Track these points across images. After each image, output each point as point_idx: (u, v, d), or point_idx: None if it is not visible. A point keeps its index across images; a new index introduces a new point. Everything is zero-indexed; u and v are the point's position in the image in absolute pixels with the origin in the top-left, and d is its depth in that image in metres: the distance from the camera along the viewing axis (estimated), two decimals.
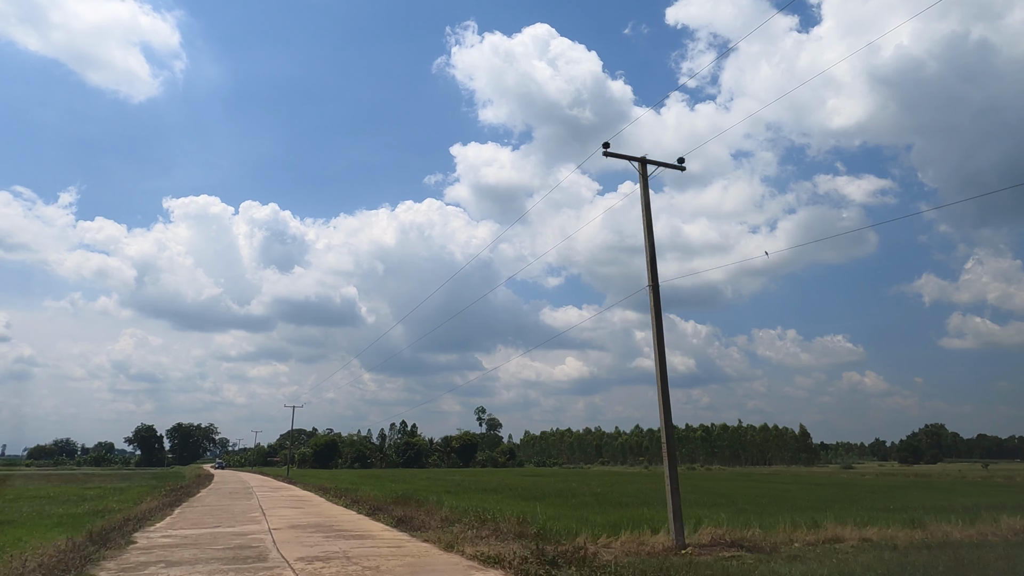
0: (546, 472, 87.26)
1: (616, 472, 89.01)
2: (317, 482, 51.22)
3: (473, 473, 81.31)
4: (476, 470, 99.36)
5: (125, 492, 42.04)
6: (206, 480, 57.70)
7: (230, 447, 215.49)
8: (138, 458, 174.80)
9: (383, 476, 67.70)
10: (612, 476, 70.76)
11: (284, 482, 54.70)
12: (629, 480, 57.93)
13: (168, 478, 73.70)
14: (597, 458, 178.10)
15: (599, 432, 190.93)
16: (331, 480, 53.96)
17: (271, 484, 50.82)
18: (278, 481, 57.39)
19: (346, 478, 60.48)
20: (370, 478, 60.47)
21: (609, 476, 71.06)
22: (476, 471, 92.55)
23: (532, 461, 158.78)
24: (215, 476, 70.15)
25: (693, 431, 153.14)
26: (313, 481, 53.91)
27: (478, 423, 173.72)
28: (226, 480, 60.27)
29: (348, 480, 54.37)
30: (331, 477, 63.18)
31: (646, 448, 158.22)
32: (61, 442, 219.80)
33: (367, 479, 56.79)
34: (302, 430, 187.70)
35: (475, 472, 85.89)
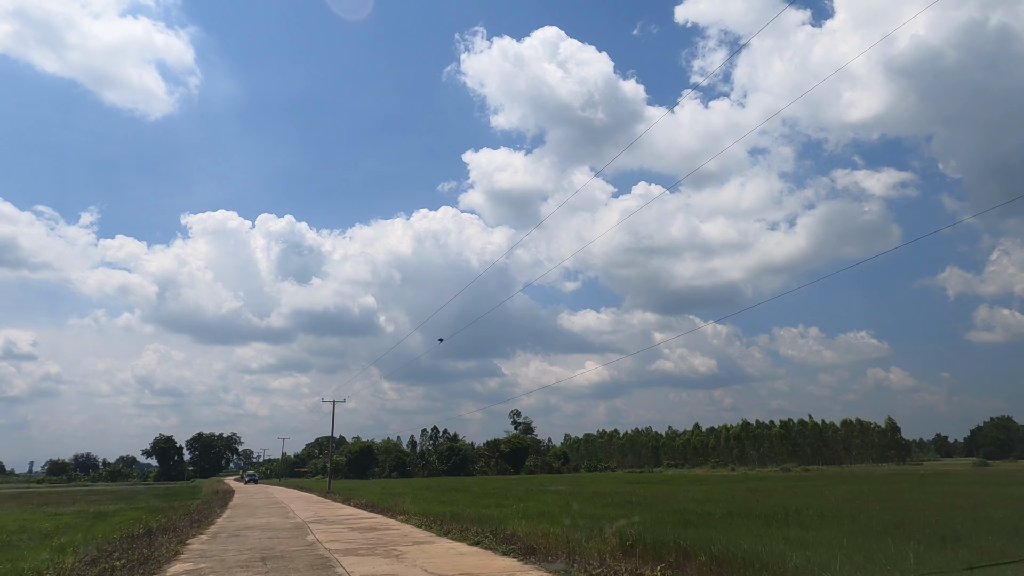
0: (640, 478, 72.14)
1: (731, 477, 73.52)
2: (368, 497, 36.90)
3: (547, 480, 66.47)
4: (546, 476, 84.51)
5: (102, 521, 28.29)
6: (224, 498, 43.56)
7: (254, 458, 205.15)
8: (157, 471, 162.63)
9: (441, 486, 53.48)
10: (745, 481, 55.49)
11: (328, 498, 40.46)
12: (789, 487, 42.59)
13: (179, 495, 59.82)
14: (651, 461, 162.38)
15: (652, 433, 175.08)
16: (387, 494, 39.67)
17: (315, 504, 36.48)
18: (319, 496, 43.18)
19: (402, 490, 46.23)
20: (429, 490, 46.35)
21: (738, 481, 55.85)
22: (550, 477, 77.85)
23: (583, 465, 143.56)
24: (237, 493, 56.05)
25: (766, 427, 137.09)
26: (362, 495, 39.68)
27: (513, 427, 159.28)
28: (251, 498, 46.12)
29: (408, 493, 40.14)
30: (383, 490, 48.86)
31: (713, 448, 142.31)
32: (81, 457, 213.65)
33: (430, 492, 42.49)
34: (331, 437, 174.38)
35: (549, 479, 71.00)
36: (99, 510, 38.52)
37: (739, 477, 71.02)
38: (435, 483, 64.02)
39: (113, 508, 40.58)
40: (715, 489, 38.93)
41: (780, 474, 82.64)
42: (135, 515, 32.75)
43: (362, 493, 43.34)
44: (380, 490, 49.13)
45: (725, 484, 47.89)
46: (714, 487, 43.37)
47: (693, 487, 42.44)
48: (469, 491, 43.61)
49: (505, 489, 45.23)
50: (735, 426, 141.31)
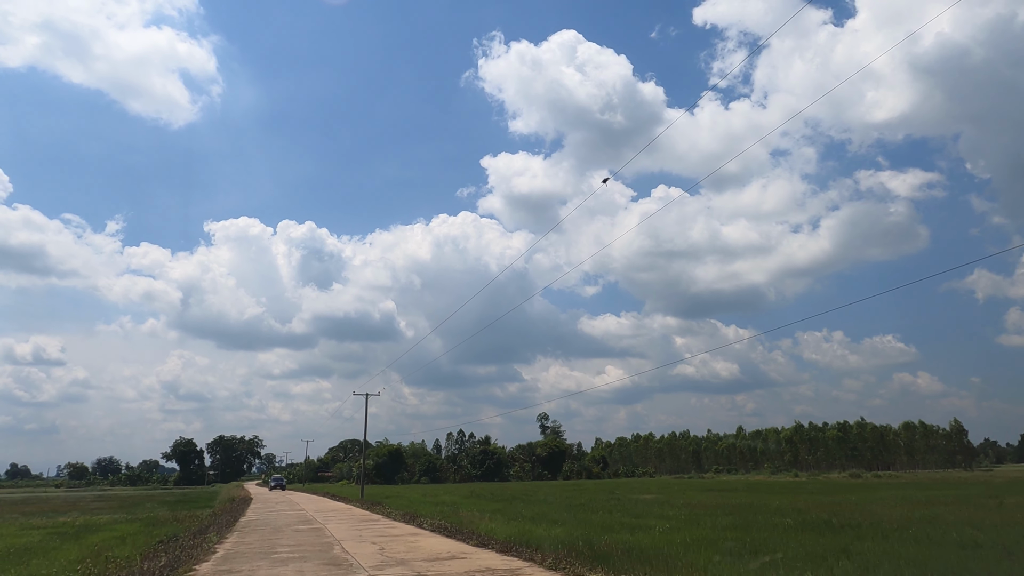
0: (708, 484, 63.95)
1: (805, 484, 65.04)
2: (416, 508, 29.48)
3: (605, 487, 58.69)
4: (596, 483, 76.66)
5: (75, 541, 21.52)
6: (239, 509, 36.48)
7: (277, 462, 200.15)
8: (177, 475, 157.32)
9: (490, 494, 46.08)
10: (831, 489, 47.22)
11: (371, 510, 33.15)
12: (906, 497, 34.37)
13: (192, 502, 53.02)
14: (692, 466, 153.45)
15: (691, 437, 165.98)
16: (435, 504, 32.33)
17: (363, 524, 29.11)
18: (357, 508, 35.89)
19: (449, 498, 38.93)
20: (479, 498, 38.91)
21: (825, 489, 47.58)
22: (604, 484, 70.12)
23: (620, 471, 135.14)
24: (255, 502, 49.09)
25: (820, 430, 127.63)
26: (403, 504, 32.30)
27: (541, 431, 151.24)
28: (271, 510, 39.02)
29: (461, 503, 32.76)
30: (425, 498, 41.52)
31: (762, 453, 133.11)
32: (104, 461, 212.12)
33: (486, 502, 35.07)
34: (354, 441, 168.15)
35: (609, 486, 63.18)
36: (88, 522, 31.74)
37: (817, 484, 62.54)
38: (477, 489, 56.52)
39: (106, 520, 33.78)
40: (833, 500, 30.91)
41: (853, 481, 73.98)
42: (125, 530, 25.81)
43: (403, 502, 36.01)
44: (422, 498, 41.70)
45: (824, 493, 39.77)
46: (824, 496, 35.35)
47: (800, 497, 34.44)
48: (532, 499, 36.01)
49: (573, 498, 37.58)
50: (786, 429, 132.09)
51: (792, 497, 35.07)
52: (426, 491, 54.57)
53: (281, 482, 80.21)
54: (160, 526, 27.45)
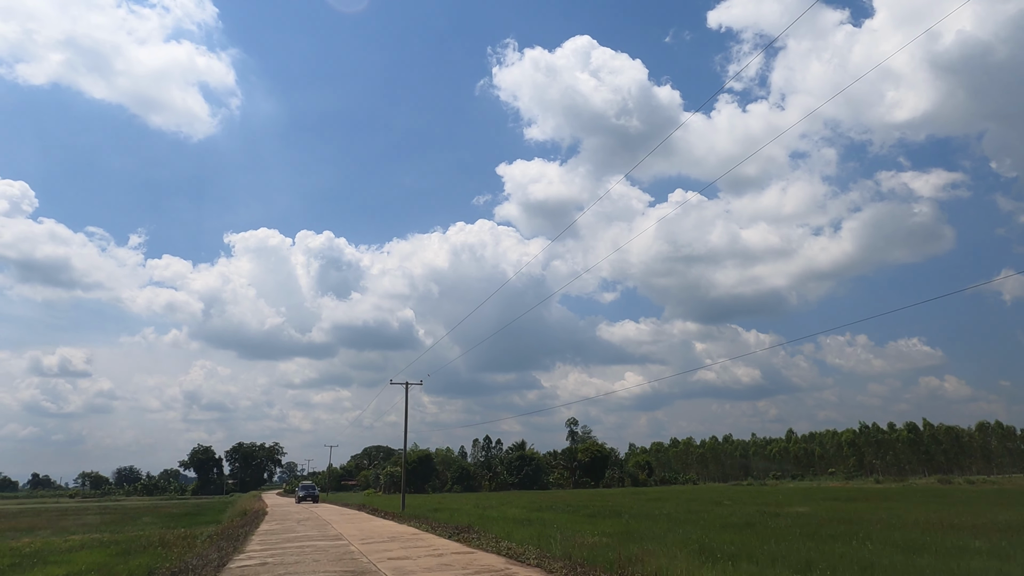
0: (811, 491, 54.59)
1: (908, 490, 55.52)
2: (487, 525, 21.19)
3: (691, 495, 49.70)
4: (660, 490, 67.38)
5: None
6: (246, 527, 28.23)
7: (298, 471, 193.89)
8: (195, 484, 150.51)
9: (549, 503, 37.56)
10: (949, 499, 37.91)
11: (429, 531, 24.74)
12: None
13: (199, 515, 45.03)
14: (740, 471, 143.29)
15: (736, 441, 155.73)
16: (511, 523, 23.91)
17: (446, 566, 20.47)
18: (407, 528, 27.46)
19: (516, 512, 30.44)
20: (537, 509, 30.44)
21: (942, 497, 38.23)
22: (674, 491, 61.00)
23: (664, 477, 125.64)
24: (271, 517, 40.94)
25: (881, 432, 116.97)
26: (461, 520, 24.04)
27: (569, 437, 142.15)
28: (289, 532, 30.79)
29: (533, 518, 24.34)
30: (476, 509, 33.01)
31: (820, 456, 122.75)
32: (124, 470, 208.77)
33: (555, 514, 26.54)
34: (379, 447, 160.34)
35: (679, 493, 54.14)
36: (46, 545, 23.89)
37: (924, 491, 52.93)
38: (537, 499, 47.80)
39: (76, 541, 25.81)
40: (992, 514, 21.85)
41: (948, 487, 64.22)
42: (80, 564, 17.66)
43: (463, 518, 27.49)
44: (479, 510, 33.09)
45: (964, 503, 30.59)
46: (969, 506, 26.29)
47: (954, 509, 25.39)
48: (647, 515, 27.34)
49: (701, 512, 28.80)
50: (846, 431, 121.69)
51: (949, 509, 26.03)
52: (475, 501, 45.95)
53: (313, 491, 59.12)
54: (134, 555, 19.40)
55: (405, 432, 36.21)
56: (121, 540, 25.52)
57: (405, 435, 36.19)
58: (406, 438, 36.23)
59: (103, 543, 24.40)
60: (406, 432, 36.21)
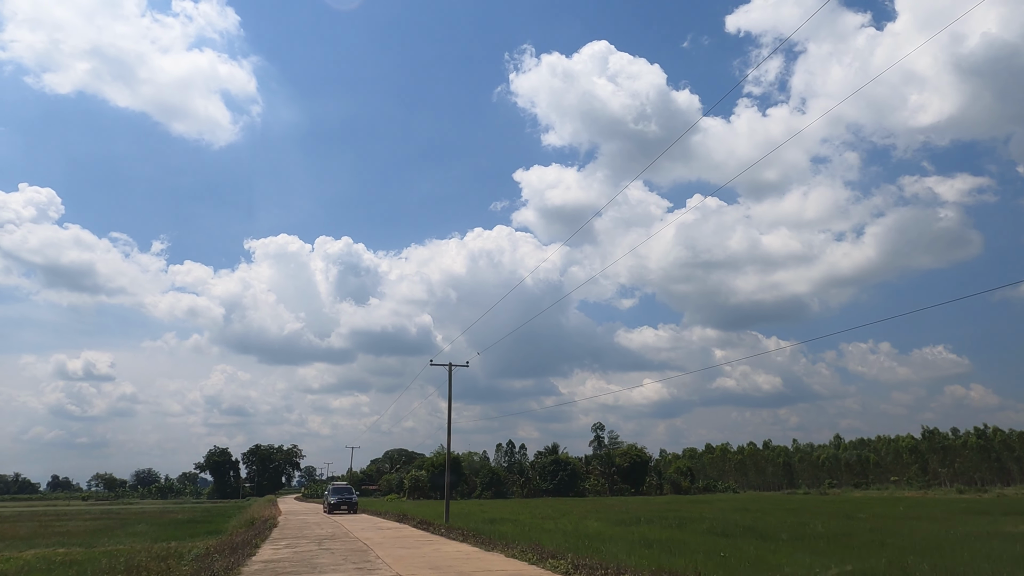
0: (911, 503, 46.75)
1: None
2: (565, 543, 14.21)
3: (786, 505, 42.24)
4: (725, 496, 59.66)
5: None
6: (248, 546, 21.30)
7: (317, 475, 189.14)
8: (211, 488, 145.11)
9: (644, 515, 30.42)
10: None
11: (525, 563, 17.76)
12: None
13: (195, 525, 38.44)
14: (784, 480, 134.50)
15: (778, 448, 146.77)
16: (601, 541, 16.92)
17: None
18: (495, 557, 20.50)
19: (598, 526, 23.42)
20: (643, 523, 23.34)
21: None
22: (731, 499, 53.36)
23: (706, 485, 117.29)
24: (283, 526, 34.25)
25: (944, 437, 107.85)
26: (515, 532, 17.17)
27: (595, 443, 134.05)
28: (305, 552, 24.01)
29: (651, 536, 17.36)
30: (540, 522, 25.97)
31: (876, 464, 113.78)
32: (143, 473, 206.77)
33: (693, 538, 19.44)
34: (401, 450, 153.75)
35: (757, 503, 46.61)
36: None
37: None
38: (590, 509, 40.63)
39: (32, 557, 19.21)
40: None
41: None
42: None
43: (531, 531, 20.47)
44: (537, 521, 25.99)
45: None
46: None
47: None
48: (724, 527, 20.20)
49: (781, 526, 21.53)
50: (906, 437, 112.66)
51: None
52: (527, 510, 38.86)
53: (350, 497, 44.81)
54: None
55: (448, 423, 29.34)
56: (81, 560, 18.87)
57: (449, 427, 29.32)
58: (449, 430, 29.35)
59: (51, 565, 17.77)
60: (449, 423, 29.34)
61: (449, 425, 29.28)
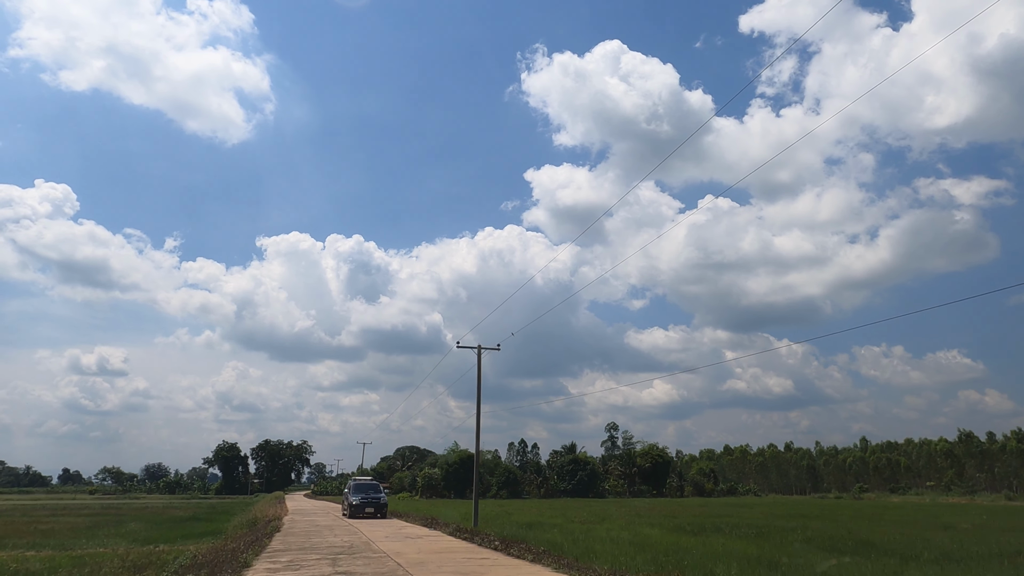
0: (983, 511, 42.74)
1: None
2: (638, 562, 10.54)
3: (843, 512, 38.31)
4: (756, 499, 55.60)
5: None
6: (237, 562, 17.48)
7: (327, 473, 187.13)
8: (219, 483, 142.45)
9: (710, 522, 26.63)
10: None
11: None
12: None
13: (191, 524, 35.08)
14: (808, 483, 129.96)
15: (801, 450, 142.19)
16: (678, 553, 13.23)
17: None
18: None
19: (657, 535, 19.78)
20: (717, 532, 19.68)
21: None
22: (766, 503, 49.35)
23: (729, 488, 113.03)
24: (286, 531, 30.74)
25: (984, 443, 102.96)
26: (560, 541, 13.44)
27: (609, 443, 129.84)
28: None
29: (754, 557, 13.68)
30: (585, 527, 22.31)
31: (906, 468, 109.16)
32: (153, 467, 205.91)
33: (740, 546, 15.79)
34: (413, 448, 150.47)
35: (814, 510, 42.66)
36: None
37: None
38: (629, 511, 36.81)
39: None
40: None
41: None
42: None
43: (581, 543, 16.85)
44: (569, 523, 22.32)
45: None
46: None
47: None
48: (819, 537, 16.50)
49: (863, 534, 17.77)
50: (940, 440, 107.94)
51: None
52: (558, 512, 35.11)
53: (378, 497, 35.10)
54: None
55: (478, 412, 25.65)
56: (37, 570, 15.39)
57: (478, 416, 25.63)
58: (479, 420, 25.64)
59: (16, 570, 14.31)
60: (479, 411, 25.65)
61: (479, 414, 25.59)
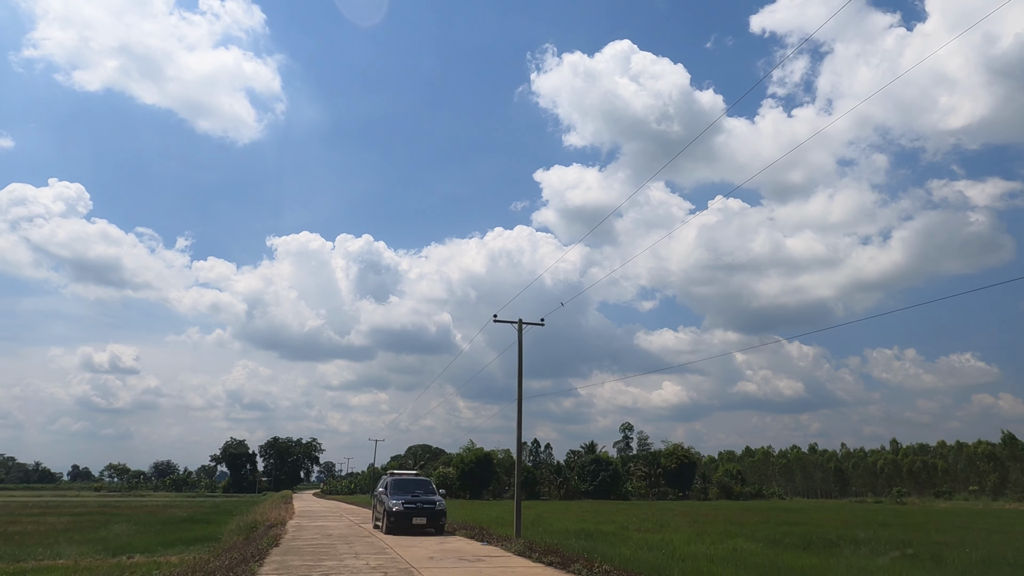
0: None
1: None
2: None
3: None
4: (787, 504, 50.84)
5: None
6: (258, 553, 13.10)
7: (336, 472, 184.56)
8: (227, 481, 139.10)
9: (762, 528, 22.36)
10: None
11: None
12: None
13: (186, 525, 30.98)
14: (833, 487, 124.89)
15: (827, 452, 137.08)
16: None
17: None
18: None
19: (748, 548, 15.48)
20: (790, 542, 15.34)
21: None
22: (831, 507, 44.75)
23: (756, 491, 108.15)
24: (290, 549, 26.46)
25: (1022, 446, 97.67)
26: (647, 559, 9.03)
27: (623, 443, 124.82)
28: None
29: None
30: (693, 546, 18.08)
31: (945, 471, 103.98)
32: (162, 464, 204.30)
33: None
34: (425, 446, 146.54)
35: (890, 514, 38.03)
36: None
37: None
38: (687, 514, 32.37)
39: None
40: None
41: None
42: None
43: (666, 559, 12.53)
44: (625, 532, 18.01)
45: None
46: None
47: None
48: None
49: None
50: (982, 443, 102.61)
51: None
52: (601, 517, 30.72)
53: (431, 503, 22.14)
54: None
55: (520, 389, 21.38)
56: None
57: (519, 403, 21.33)
58: (520, 408, 21.32)
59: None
60: (520, 388, 21.38)
61: (519, 400, 21.25)
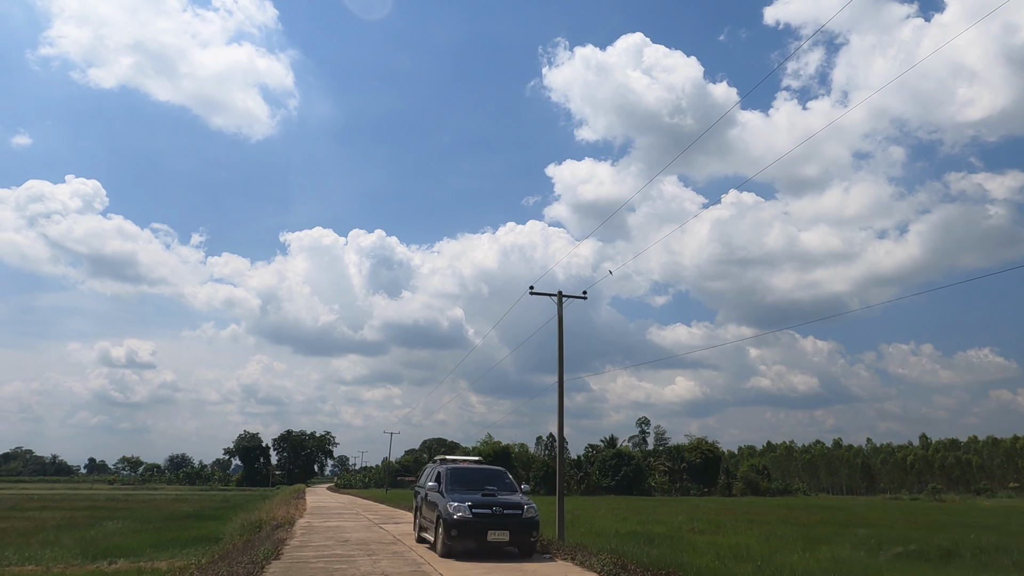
0: None
1: None
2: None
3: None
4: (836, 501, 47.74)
5: None
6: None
7: (350, 466, 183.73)
8: (241, 474, 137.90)
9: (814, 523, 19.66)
10: None
11: None
12: None
13: (191, 521, 28.56)
14: (860, 483, 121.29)
15: (852, 447, 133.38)
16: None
17: None
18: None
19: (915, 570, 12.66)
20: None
21: None
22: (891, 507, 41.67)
23: (781, 487, 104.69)
24: (294, 563, 23.69)
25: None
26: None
27: (639, 438, 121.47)
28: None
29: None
30: (788, 555, 15.38)
31: (980, 467, 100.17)
32: (177, 458, 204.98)
33: None
34: (440, 440, 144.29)
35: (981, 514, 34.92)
36: None
37: None
38: (752, 513, 29.52)
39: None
40: None
41: None
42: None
43: (759, 571, 9.78)
44: (680, 534, 15.26)
45: None
46: None
47: None
48: None
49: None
50: (1015, 438, 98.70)
51: None
52: (642, 515, 27.99)
53: (518, 507, 14.02)
54: None
55: (560, 365, 18.67)
56: None
57: (560, 382, 18.66)
58: (561, 389, 18.64)
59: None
60: (561, 364, 18.66)
61: (561, 378, 18.58)
